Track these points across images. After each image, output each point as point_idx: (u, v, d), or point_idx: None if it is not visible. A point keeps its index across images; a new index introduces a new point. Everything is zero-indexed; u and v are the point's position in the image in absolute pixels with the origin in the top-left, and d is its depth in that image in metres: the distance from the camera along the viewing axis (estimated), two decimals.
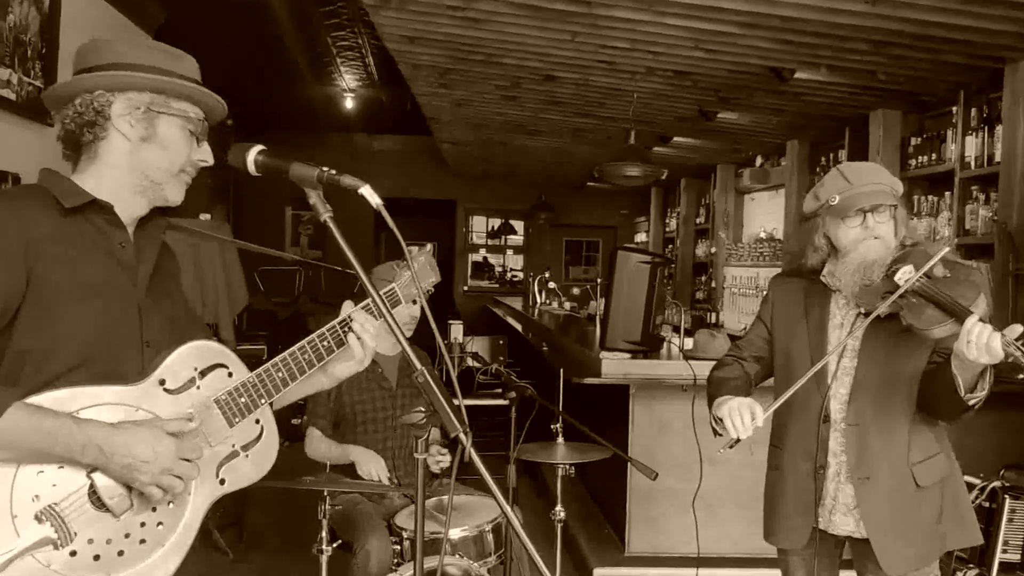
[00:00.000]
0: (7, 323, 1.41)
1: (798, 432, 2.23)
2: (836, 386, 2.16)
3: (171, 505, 1.49)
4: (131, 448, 1.40)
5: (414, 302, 2.17)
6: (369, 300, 1.67)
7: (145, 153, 1.54)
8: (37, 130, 3.95)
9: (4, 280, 1.38)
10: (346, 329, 1.67)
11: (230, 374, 1.59)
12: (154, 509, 1.47)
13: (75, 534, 1.38)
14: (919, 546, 2.13)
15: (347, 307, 1.71)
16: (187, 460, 1.47)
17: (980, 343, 1.76)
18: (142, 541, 1.45)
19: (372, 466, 3.05)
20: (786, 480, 2.26)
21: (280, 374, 1.60)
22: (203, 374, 1.56)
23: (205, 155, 1.61)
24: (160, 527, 1.48)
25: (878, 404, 2.12)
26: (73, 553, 1.38)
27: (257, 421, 1.62)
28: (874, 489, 2.11)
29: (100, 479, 1.41)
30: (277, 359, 1.61)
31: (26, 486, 1.36)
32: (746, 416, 2.03)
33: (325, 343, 1.65)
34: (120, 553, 1.42)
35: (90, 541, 1.40)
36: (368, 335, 1.68)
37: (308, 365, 1.63)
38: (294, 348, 1.63)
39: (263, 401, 1.60)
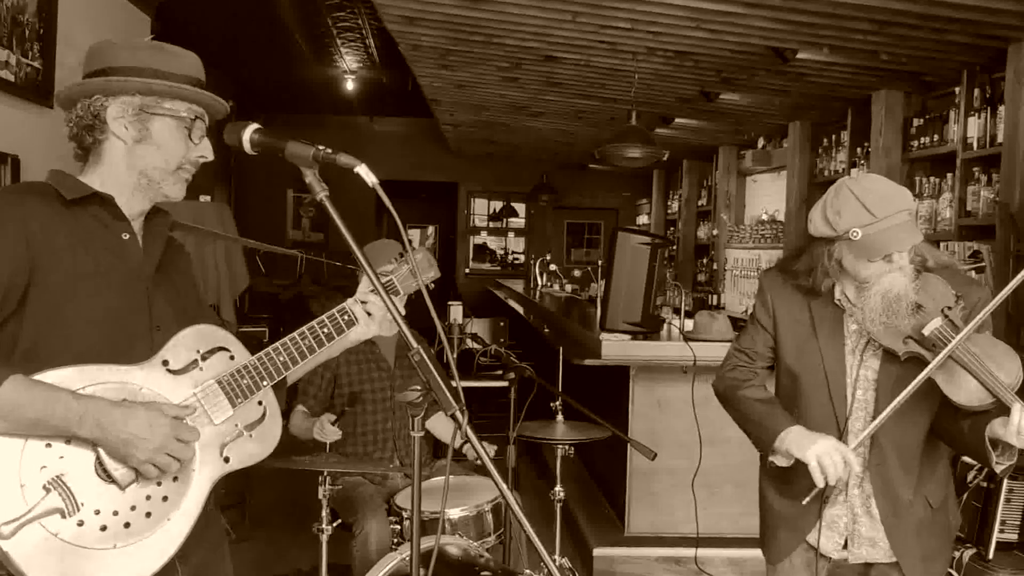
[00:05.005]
0: (11, 313, 1.44)
1: None
2: (851, 420, 2.09)
3: (176, 481, 1.53)
4: (128, 424, 1.42)
5: (411, 297, 2.24)
6: (365, 279, 1.74)
7: (141, 153, 1.59)
8: (36, 111, 3.94)
9: (5, 268, 1.41)
10: (346, 317, 1.73)
11: (232, 357, 1.63)
12: (159, 484, 1.50)
13: (82, 504, 1.42)
14: (942, 555, 2.17)
15: (365, 284, 1.78)
16: (182, 441, 1.49)
17: None
18: (148, 514, 1.49)
19: (323, 428, 2.99)
20: (781, 498, 2.22)
21: (281, 358, 1.65)
22: (205, 357, 1.60)
23: (205, 151, 1.65)
24: (165, 501, 1.51)
25: (899, 442, 2.07)
26: (80, 523, 1.41)
27: (260, 403, 1.66)
28: (900, 523, 2.09)
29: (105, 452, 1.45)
30: (278, 343, 1.65)
31: (34, 457, 1.39)
32: (838, 461, 1.93)
33: (325, 329, 1.70)
34: (126, 525, 1.46)
35: (97, 512, 1.43)
36: (377, 309, 1.77)
37: (308, 350, 1.68)
38: (295, 333, 1.68)
39: (264, 383, 1.63)
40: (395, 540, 2.85)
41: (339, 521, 2.90)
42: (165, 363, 1.55)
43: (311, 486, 2.70)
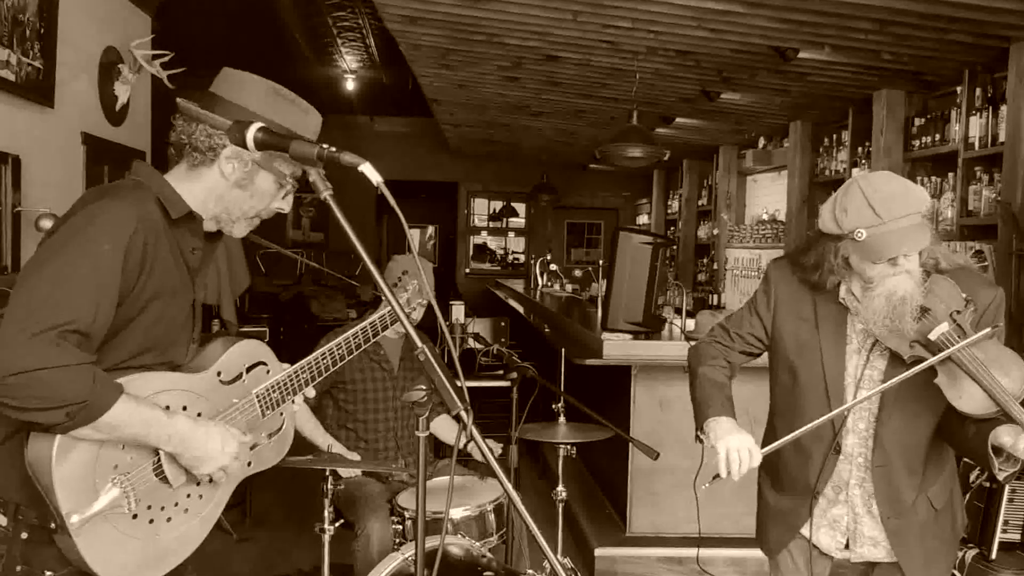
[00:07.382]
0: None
1: (799, 455, 2.13)
2: (853, 419, 2.06)
3: (211, 483, 1.71)
4: (206, 444, 1.61)
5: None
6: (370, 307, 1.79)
7: (235, 194, 1.69)
8: (37, 111, 3.94)
9: (129, 272, 1.52)
10: (356, 341, 1.96)
11: (268, 371, 1.82)
12: (198, 483, 1.68)
13: (138, 500, 1.58)
14: (945, 558, 2.15)
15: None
16: (239, 461, 1.69)
17: None
18: (185, 510, 1.67)
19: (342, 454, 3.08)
20: (775, 493, 2.24)
21: (304, 375, 1.85)
22: (249, 370, 1.78)
23: (285, 205, 1.76)
24: (200, 499, 1.71)
25: (904, 443, 2.05)
26: (135, 516, 1.58)
27: (281, 414, 1.86)
28: (903, 525, 2.08)
29: (165, 455, 1.61)
30: (303, 364, 1.86)
31: (108, 456, 1.54)
32: (744, 458, 1.97)
33: (340, 352, 1.91)
34: (168, 519, 1.64)
35: (148, 507, 1.60)
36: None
37: (325, 369, 1.89)
38: (316, 355, 1.88)
39: (290, 398, 1.84)
40: (397, 540, 2.84)
41: (341, 521, 2.89)
42: (219, 374, 1.73)
43: (313, 485, 2.69)
